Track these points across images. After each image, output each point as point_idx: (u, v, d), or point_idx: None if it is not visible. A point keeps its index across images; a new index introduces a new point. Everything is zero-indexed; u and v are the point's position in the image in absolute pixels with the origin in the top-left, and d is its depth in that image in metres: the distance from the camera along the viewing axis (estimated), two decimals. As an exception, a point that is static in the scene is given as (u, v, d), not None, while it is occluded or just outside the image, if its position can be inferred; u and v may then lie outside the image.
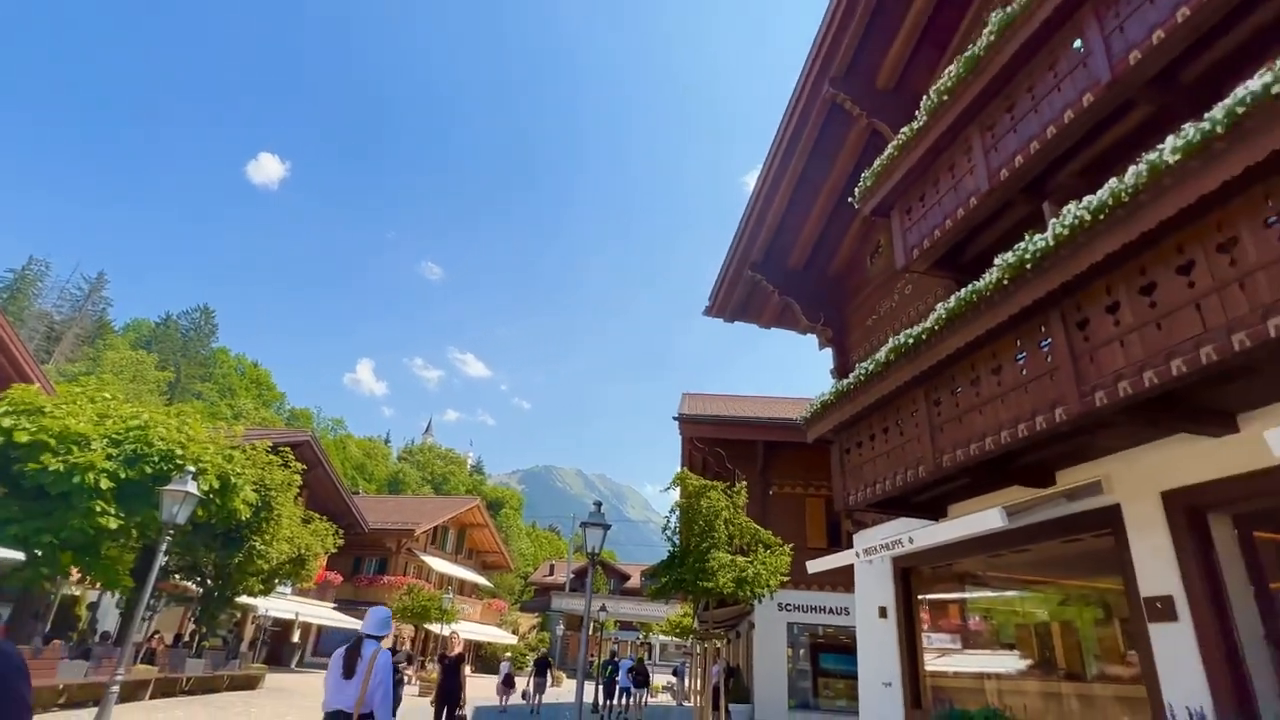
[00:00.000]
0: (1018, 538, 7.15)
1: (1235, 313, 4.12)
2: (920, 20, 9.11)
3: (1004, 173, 6.69)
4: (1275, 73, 3.72)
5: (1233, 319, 4.12)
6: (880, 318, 10.45)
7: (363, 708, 5.18)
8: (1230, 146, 3.99)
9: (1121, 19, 5.60)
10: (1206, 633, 5.28)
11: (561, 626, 53.16)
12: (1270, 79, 3.74)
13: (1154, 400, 4.96)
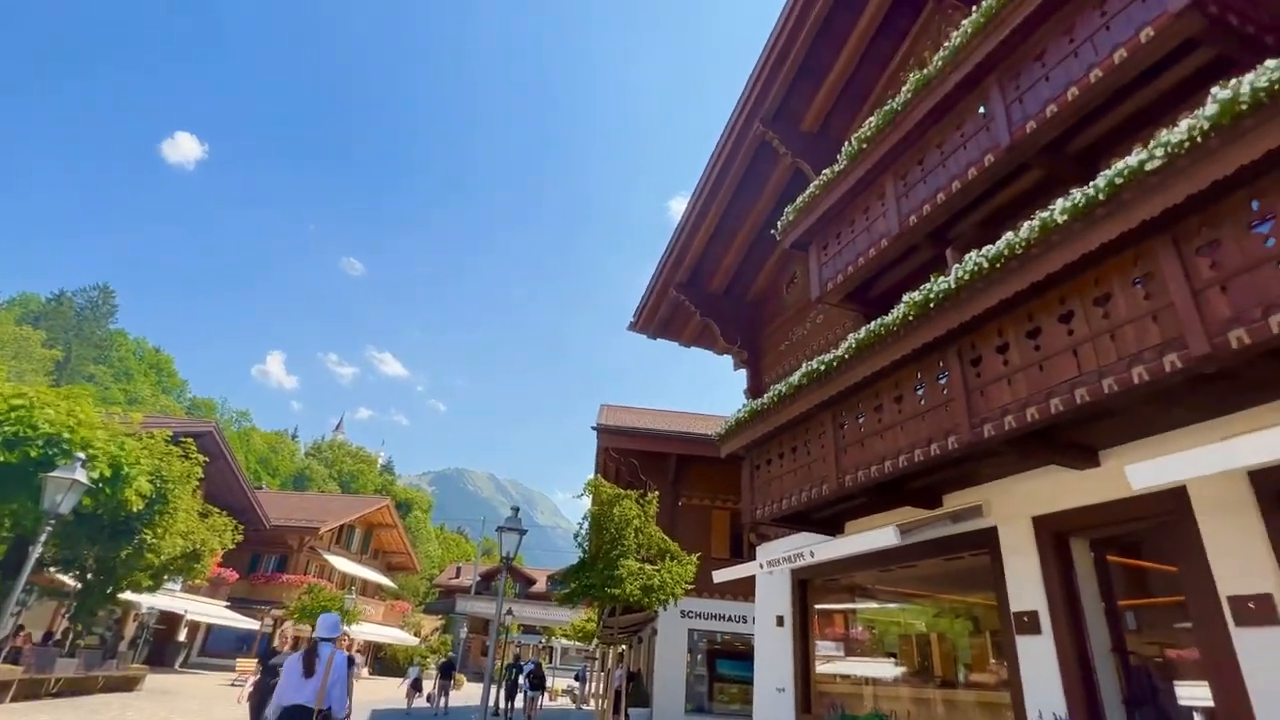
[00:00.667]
0: (906, 554, 7.47)
1: (1106, 360, 4.47)
2: (845, 73, 9.55)
3: (913, 219, 7.06)
4: (1149, 151, 4.08)
5: (1103, 365, 4.48)
6: (793, 344, 10.78)
7: (321, 703, 5.77)
8: (1109, 213, 4.35)
9: (1021, 91, 6.04)
10: (1064, 645, 5.67)
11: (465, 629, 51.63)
12: (1145, 156, 4.10)
13: (1032, 434, 5.31)
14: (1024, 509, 6.27)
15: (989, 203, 6.76)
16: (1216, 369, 4.01)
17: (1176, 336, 4.05)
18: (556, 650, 54.97)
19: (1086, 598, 5.86)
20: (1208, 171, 3.86)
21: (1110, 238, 4.37)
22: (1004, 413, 5.15)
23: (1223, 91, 3.72)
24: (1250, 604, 4.51)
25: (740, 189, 10.86)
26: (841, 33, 9.18)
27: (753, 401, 8.23)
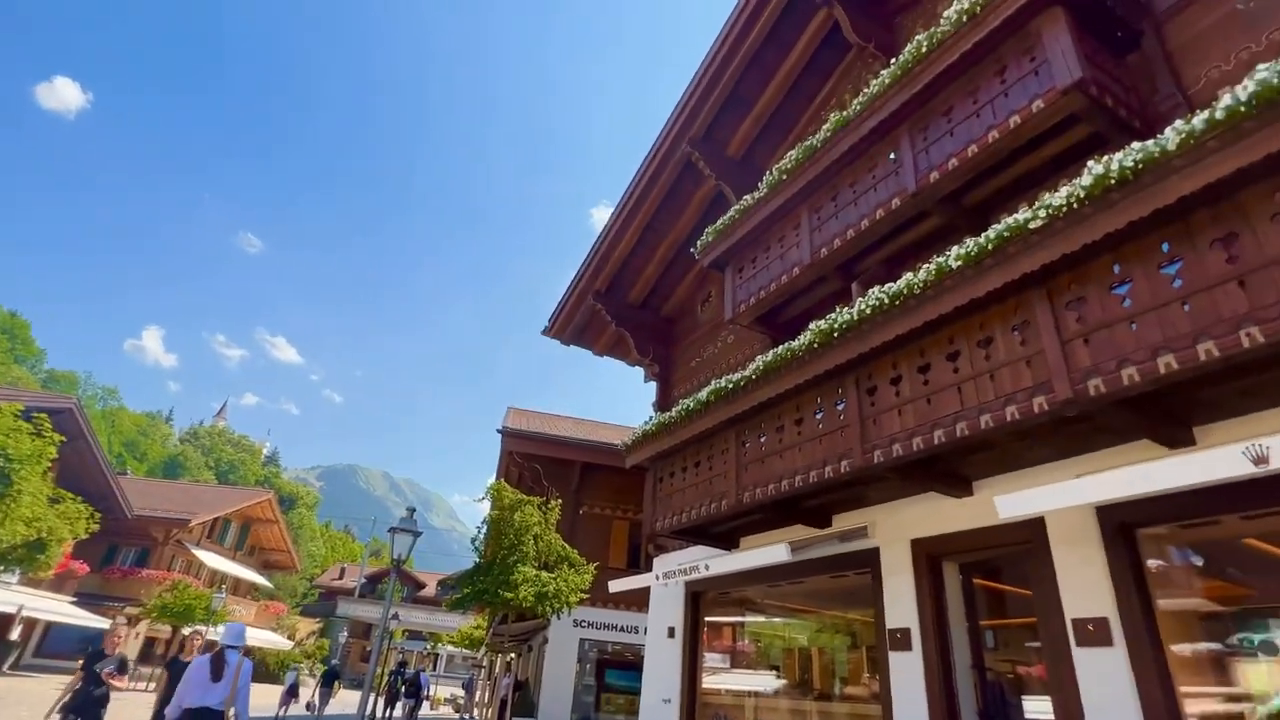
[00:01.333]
0: (796, 571, 7.77)
1: (985, 398, 4.85)
2: (771, 105, 9.93)
3: (824, 251, 7.41)
4: (1033, 211, 4.49)
5: (983, 402, 4.86)
6: (704, 360, 11.04)
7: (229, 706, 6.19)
8: (996, 264, 4.74)
9: (928, 143, 6.49)
10: (931, 660, 6.06)
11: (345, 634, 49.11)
12: (1029, 215, 4.51)
13: (917, 462, 5.68)
14: (904, 532, 6.67)
15: (893, 243, 7.19)
16: (1077, 413, 4.44)
17: (1045, 381, 4.46)
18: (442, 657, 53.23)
19: (953, 617, 6.30)
20: (1079, 235, 4.28)
21: (995, 286, 4.76)
22: (893, 441, 5.48)
23: (1096, 166, 4.15)
24: (1090, 626, 4.99)
25: (664, 204, 11.05)
26: (770, 67, 9.56)
27: (661, 415, 8.35)
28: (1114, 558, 4.99)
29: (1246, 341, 3.56)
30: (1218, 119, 3.65)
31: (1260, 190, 3.70)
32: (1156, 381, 3.94)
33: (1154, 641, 4.70)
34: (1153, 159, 3.91)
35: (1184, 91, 5.45)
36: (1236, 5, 5.35)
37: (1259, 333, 3.53)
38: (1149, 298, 4.07)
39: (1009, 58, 5.88)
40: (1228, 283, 3.72)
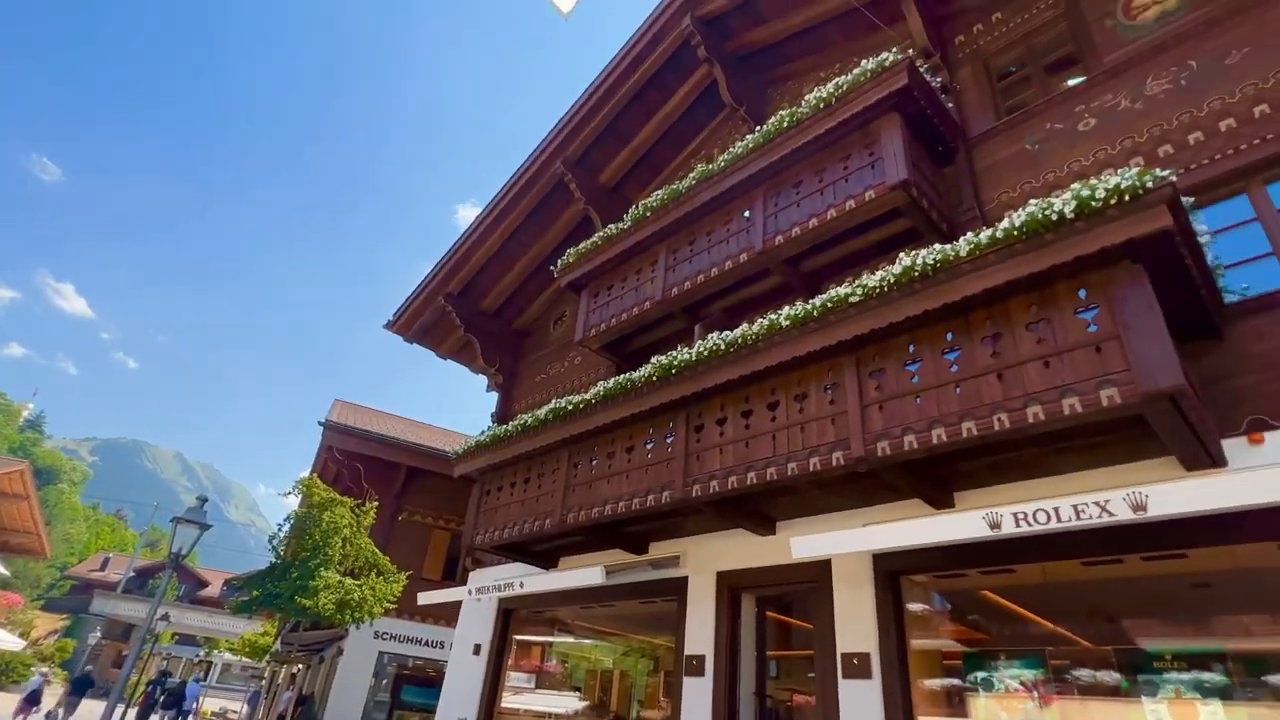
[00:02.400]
0: (609, 594, 7.93)
1: (794, 447, 5.33)
2: (645, 144, 10.32)
3: (675, 290, 7.78)
4: (854, 287, 5.05)
5: (792, 451, 5.33)
6: (549, 378, 11.05)
7: None
8: (819, 328, 5.26)
9: (778, 209, 7.08)
10: (720, 687, 6.43)
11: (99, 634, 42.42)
12: (850, 290, 5.06)
13: (730, 499, 6.09)
14: (712, 564, 7.07)
15: (737, 294, 7.72)
16: (866, 469, 5.01)
17: (845, 438, 4.99)
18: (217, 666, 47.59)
19: (744, 646, 6.75)
20: (887, 315, 4.88)
21: (815, 348, 5.27)
22: (711, 478, 5.83)
23: (906, 258, 4.78)
24: (855, 660, 5.59)
25: (532, 217, 11.02)
26: (651, 108, 9.96)
27: (497, 426, 8.24)
28: (881, 600, 5.64)
29: (996, 425, 4.24)
30: (997, 237, 4.36)
31: (1022, 301, 4.45)
32: (930, 450, 4.56)
33: (903, 675, 5.35)
34: (947, 260, 4.57)
35: (981, 207, 6.43)
36: (1026, 146, 6.43)
37: (1006, 419, 4.22)
38: (932, 377, 4.72)
39: (853, 148, 6.61)
40: (989, 374, 4.41)
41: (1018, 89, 7.04)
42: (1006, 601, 5.76)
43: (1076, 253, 4.09)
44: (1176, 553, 4.68)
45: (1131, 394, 3.75)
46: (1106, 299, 4.06)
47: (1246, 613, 4.89)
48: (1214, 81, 5.43)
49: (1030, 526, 4.00)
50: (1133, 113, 5.80)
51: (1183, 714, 4.59)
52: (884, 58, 6.35)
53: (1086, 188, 4.05)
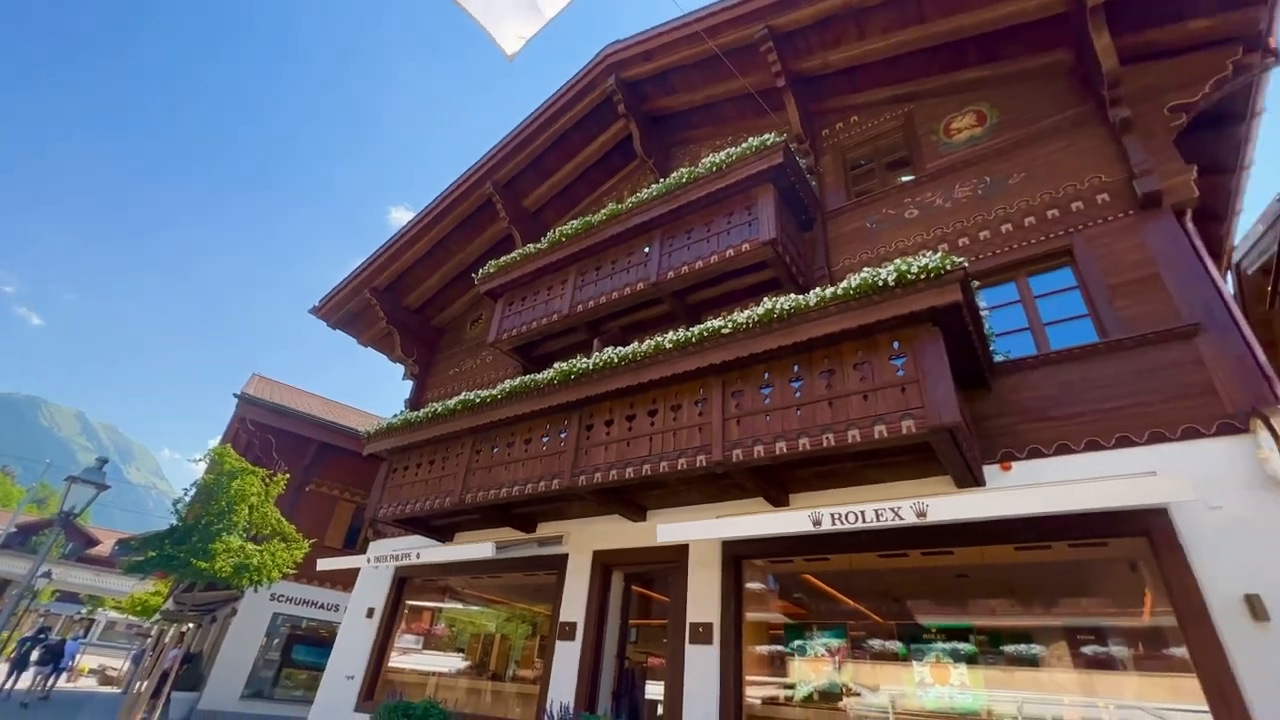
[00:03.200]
0: (498, 567, 7.77)
1: (667, 448, 5.47)
2: (565, 179, 10.29)
3: (580, 307, 7.80)
4: (725, 320, 5.29)
5: (665, 451, 5.47)
6: (461, 372, 10.70)
7: None
8: (697, 351, 5.46)
9: (672, 249, 7.28)
10: (588, 650, 6.45)
11: (-34, 589, 36.06)
12: (722, 324, 5.30)
13: (610, 490, 6.16)
14: (590, 544, 7.10)
15: (632, 315, 7.84)
16: (723, 471, 5.24)
17: (708, 444, 5.20)
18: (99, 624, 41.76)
19: (611, 615, 6.81)
20: (750, 346, 5.15)
21: (691, 368, 5.47)
22: (595, 470, 5.88)
23: (768, 302, 5.07)
24: (700, 629, 5.79)
25: (460, 228, 10.67)
26: (573, 149, 9.97)
27: (410, 412, 7.88)
28: (726, 580, 5.89)
29: (825, 443, 4.58)
30: (838, 294, 4.74)
31: (852, 346, 4.84)
32: (773, 459, 4.84)
33: (738, 643, 5.61)
34: (799, 309, 4.90)
35: (830, 268, 6.93)
36: (867, 224, 7.02)
37: (833, 438, 4.56)
38: (780, 400, 5.02)
39: (735, 207, 6.94)
40: (823, 402, 4.76)
41: (865, 178, 7.68)
42: (821, 584, 6.19)
43: (894, 313, 4.51)
44: (945, 550, 5.22)
45: (923, 426, 4.18)
46: (912, 351, 4.51)
47: (989, 598, 5.55)
48: (1000, 195, 6.19)
49: (843, 525, 4.34)
50: (944, 210, 6.48)
51: (939, 674, 5.11)
52: (766, 138, 6.73)
53: (905, 263, 4.49)
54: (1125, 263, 5.21)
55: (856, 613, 5.92)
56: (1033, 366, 5.19)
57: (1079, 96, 6.17)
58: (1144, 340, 4.81)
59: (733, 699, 5.33)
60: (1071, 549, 4.81)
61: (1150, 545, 4.27)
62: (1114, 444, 4.59)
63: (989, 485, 4.92)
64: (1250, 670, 3.67)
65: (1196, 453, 4.29)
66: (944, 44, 6.85)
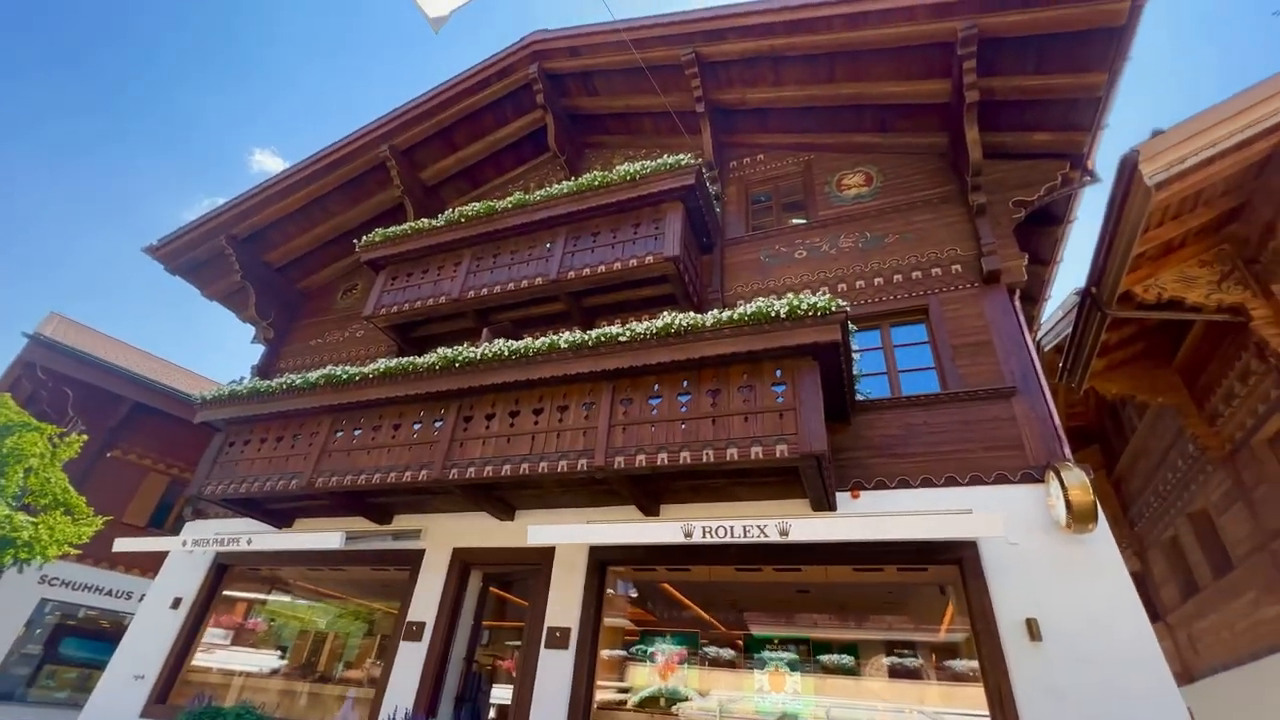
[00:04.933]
0: (343, 559, 7.14)
1: (549, 449, 5.38)
2: (472, 158, 9.82)
3: (472, 293, 7.46)
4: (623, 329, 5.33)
5: (546, 451, 5.37)
6: (325, 344, 9.74)
7: None
8: (592, 354, 5.44)
9: (576, 248, 7.22)
10: (435, 651, 6.11)
11: None
12: (620, 331, 5.34)
13: (482, 485, 5.93)
14: (451, 540, 6.76)
15: (526, 310, 7.63)
16: (602, 476, 5.25)
17: (591, 449, 5.19)
18: None
19: (465, 616, 6.52)
20: (644, 356, 5.24)
21: (583, 370, 5.44)
22: (470, 464, 5.62)
23: (668, 316, 5.20)
24: (558, 633, 5.72)
25: (345, 189, 9.75)
26: (484, 128, 9.56)
27: (259, 380, 7.02)
28: (590, 585, 5.88)
29: (705, 458, 4.76)
30: (734, 318, 4.97)
31: (739, 369, 5.10)
32: (654, 469, 4.95)
33: (593, 648, 5.62)
34: (696, 327, 5.08)
35: (724, 293, 7.26)
36: (761, 258, 7.45)
37: (712, 454, 4.76)
38: (666, 413, 5.15)
39: (643, 219, 7.05)
40: (707, 419, 4.96)
41: (762, 214, 8.16)
42: (678, 594, 6.40)
43: (781, 343, 4.83)
44: (795, 567, 5.64)
45: (795, 451, 4.50)
46: (792, 380, 4.85)
47: (824, 612, 6.08)
48: (877, 251, 6.88)
49: (713, 538, 4.53)
50: (829, 255, 7.07)
51: (777, 682, 5.49)
52: (681, 158, 6.93)
53: (796, 299, 4.82)
54: (967, 327, 6.01)
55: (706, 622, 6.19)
56: (886, 407, 5.80)
57: (948, 178, 7.05)
58: (974, 395, 5.57)
59: (583, 704, 5.32)
60: (899, 572, 5.42)
61: (960, 572, 4.92)
62: (943, 483, 5.25)
63: (840, 510, 5.39)
64: (1023, 680, 4.35)
65: (1003, 496, 5.03)
66: (846, 106, 7.51)
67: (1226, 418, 7.85)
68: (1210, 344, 7.88)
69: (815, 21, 6.76)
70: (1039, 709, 4.23)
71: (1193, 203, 6.56)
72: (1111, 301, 7.00)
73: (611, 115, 9.33)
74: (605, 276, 6.88)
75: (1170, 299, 7.06)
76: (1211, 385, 8.02)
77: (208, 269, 10.04)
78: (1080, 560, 4.61)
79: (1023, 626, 4.50)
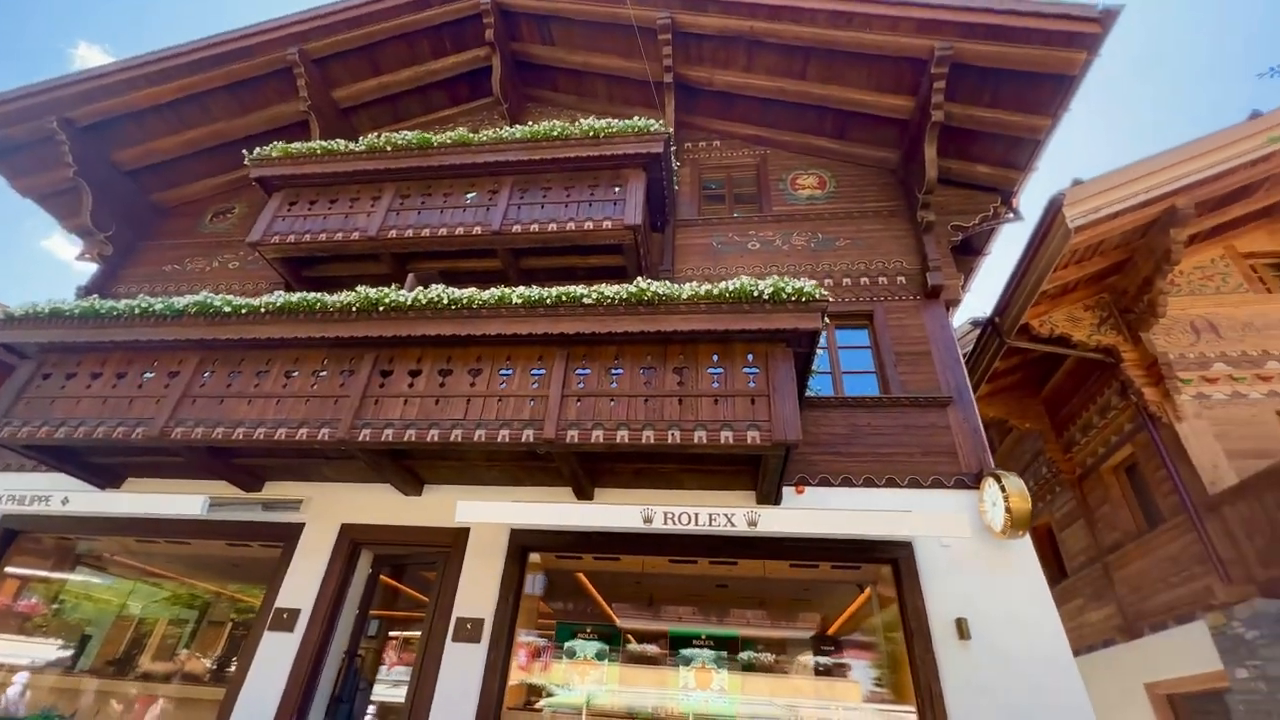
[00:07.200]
0: (188, 530, 5.84)
1: (488, 415, 4.71)
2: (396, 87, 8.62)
3: (393, 233, 6.48)
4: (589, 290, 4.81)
5: (484, 418, 4.69)
6: (185, 272, 8.03)
7: None
8: (545, 316, 4.85)
9: (522, 200, 6.53)
10: (310, 643, 5.15)
11: None
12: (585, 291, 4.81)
13: (395, 452, 5.10)
14: (339, 515, 5.78)
15: (456, 261, 6.77)
16: (548, 451, 4.69)
17: (540, 420, 4.60)
18: None
19: (349, 604, 5.59)
20: (609, 324, 4.76)
21: (537, 332, 4.84)
22: (387, 426, 4.78)
23: (642, 282, 4.76)
24: (469, 625, 5.05)
25: (233, 90, 8.10)
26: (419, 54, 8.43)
27: (98, 300, 5.53)
28: (509, 573, 5.27)
29: (669, 439, 4.38)
30: (713, 294, 4.66)
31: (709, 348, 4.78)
32: (611, 447, 4.48)
33: (509, 642, 5.02)
34: (671, 297, 4.70)
35: (674, 270, 6.94)
36: (713, 243, 7.24)
37: (679, 435, 4.39)
38: (628, 387, 4.70)
39: (602, 181, 6.54)
40: (674, 397, 4.59)
41: (714, 201, 7.97)
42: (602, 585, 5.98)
43: (760, 325, 4.59)
44: (730, 561, 5.44)
45: (768, 439, 4.26)
46: (765, 365, 4.62)
47: (751, 608, 5.98)
48: (828, 253, 6.93)
49: (676, 525, 4.17)
50: (781, 250, 7.02)
51: (702, 679, 5.26)
52: (650, 123, 6.52)
53: (780, 280, 4.61)
54: (909, 336, 6.21)
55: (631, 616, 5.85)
56: (834, 406, 5.80)
57: (896, 194, 7.30)
58: (914, 402, 5.73)
59: (495, 703, 4.71)
60: (833, 569, 5.41)
61: (895, 572, 4.99)
62: (884, 484, 5.32)
63: (784, 505, 5.27)
64: (951, 677, 4.47)
65: (939, 500, 5.20)
66: (810, 105, 7.52)
67: (1081, 445, 8.95)
68: (1075, 381, 8.93)
69: (800, 11, 6.66)
70: (965, 704, 4.35)
71: (1092, 251, 7.34)
72: (1012, 331, 7.64)
73: (565, 70, 8.67)
74: (555, 236, 6.27)
75: (1059, 335, 7.87)
76: (1072, 416, 9.11)
77: (28, 156, 7.89)
78: (1005, 563, 4.85)
79: (953, 626, 4.63)
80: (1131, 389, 7.42)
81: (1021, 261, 7.17)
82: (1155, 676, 7.28)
